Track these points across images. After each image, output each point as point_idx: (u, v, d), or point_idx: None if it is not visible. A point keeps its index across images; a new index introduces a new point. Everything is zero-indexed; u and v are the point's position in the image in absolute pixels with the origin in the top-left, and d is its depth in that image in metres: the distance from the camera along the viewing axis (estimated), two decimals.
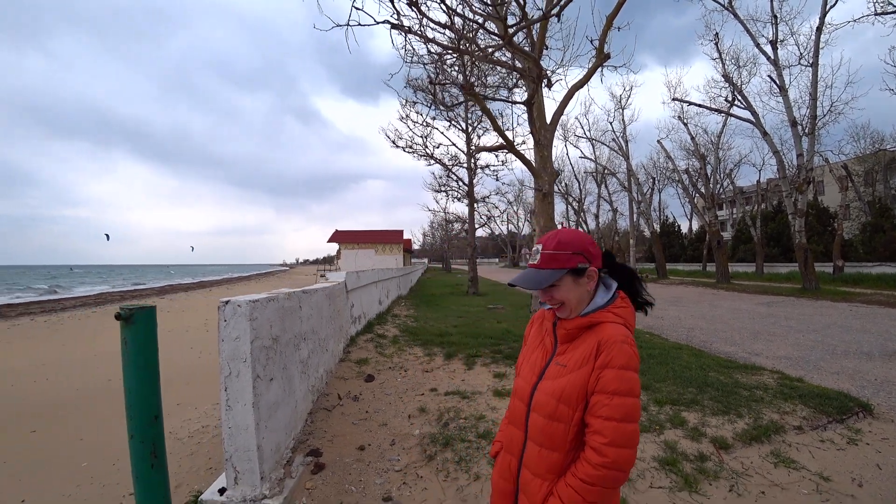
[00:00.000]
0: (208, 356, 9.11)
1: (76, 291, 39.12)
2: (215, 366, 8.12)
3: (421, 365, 6.47)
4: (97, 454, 4.50)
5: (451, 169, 21.05)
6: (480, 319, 11.13)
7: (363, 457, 3.78)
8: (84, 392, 6.85)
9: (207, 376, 7.48)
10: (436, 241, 65.45)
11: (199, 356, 9.14)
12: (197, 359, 8.87)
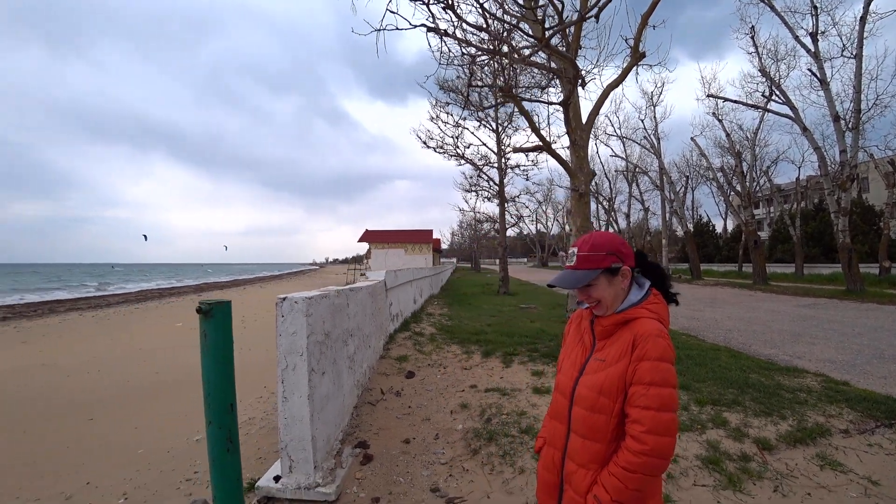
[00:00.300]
0: (248, 352, 9.42)
1: (127, 288, 40.69)
2: (254, 361, 8.45)
3: (459, 362, 6.59)
4: (151, 442, 4.76)
5: (482, 169, 21.12)
6: (513, 319, 11.18)
7: (409, 450, 3.92)
8: (134, 384, 7.18)
9: (247, 371, 7.75)
10: (464, 240, 65.54)
11: (239, 351, 9.45)
12: (237, 354, 9.19)
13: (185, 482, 3.76)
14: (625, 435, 1.43)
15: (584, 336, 1.63)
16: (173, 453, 4.42)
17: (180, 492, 3.61)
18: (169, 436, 4.91)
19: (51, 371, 8.34)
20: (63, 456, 4.56)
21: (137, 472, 4.07)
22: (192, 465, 4.08)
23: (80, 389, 7.00)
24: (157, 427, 5.25)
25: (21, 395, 6.76)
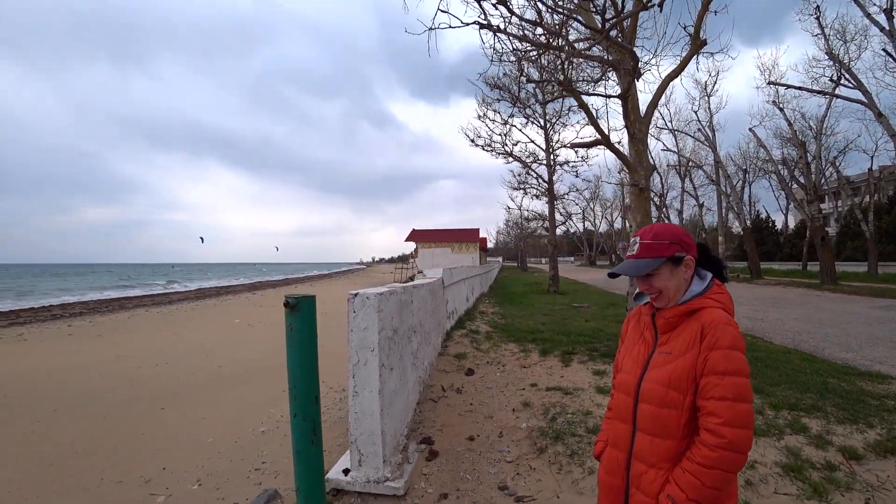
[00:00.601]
0: None
1: (188, 286, 42.81)
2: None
3: (517, 361, 6.52)
4: (219, 432, 4.93)
5: (531, 166, 20.89)
6: (567, 318, 10.99)
7: (473, 447, 3.90)
8: (198, 376, 7.50)
9: None
10: (510, 239, 65.01)
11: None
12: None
13: (254, 471, 3.88)
14: (698, 430, 1.36)
15: (645, 332, 1.58)
16: (240, 443, 4.57)
17: (250, 480, 3.73)
18: (235, 426, 5.09)
19: (124, 363, 8.83)
20: (140, 441, 4.81)
21: (208, 459, 4.23)
22: (260, 456, 4.21)
23: (151, 380, 7.38)
24: (222, 418, 5.46)
25: (101, 385, 7.18)
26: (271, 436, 4.69)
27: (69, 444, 4.79)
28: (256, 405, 5.84)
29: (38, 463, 4.34)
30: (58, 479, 4.01)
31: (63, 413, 5.81)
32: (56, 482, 3.94)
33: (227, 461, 4.16)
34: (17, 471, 4.19)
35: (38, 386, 7.21)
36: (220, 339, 11.44)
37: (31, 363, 9.18)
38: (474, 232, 41.45)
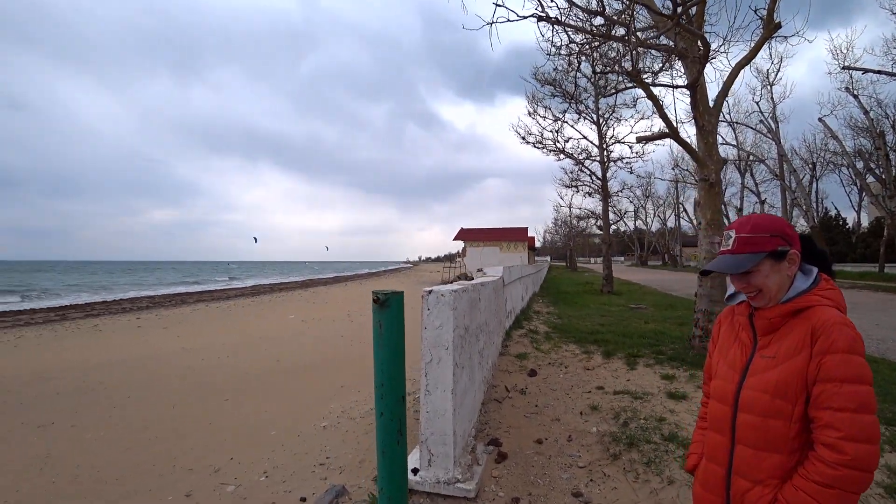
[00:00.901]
0: (359, 344, 9.75)
1: (246, 283, 44.67)
2: (364, 352, 8.74)
3: (580, 362, 6.31)
4: (281, 425, 4.98)
5: (583, 163, 20.40)
6: (625, 319, 10.61)
7: (542, 450, 3.76)
8: (258, 369, 7.68)
9: (360, 362, 8.00)
10: (559, 238, 63.85)
11: (351, 344, 9.81)
12: (349, 346, 9.54)
13: (319, 466, 3.88)
14: (811, 443, 1.21)
15: (741, 333, 1.41)
16: (303, 437, 4.60)
17: (315, 475, 3.72)
18: (296, 420, 5.13)
19: (189, 354, 9.18)
20: (207, 431, 4.92)
21: (273, 452, 4.28)
22: (323, 451, 4.21)
23: (214, 372, 7.61)
24: (283, 411, 5.52)
25: (169, 374, 7.47)
26: (333, 431, 4.70)
27: (143, 429, 4.98)
28: (315, 400, 5.91)
29: (117, 447, 4.53)
30: (135, 463, 4.15)
31: (136, 400, 6.08)
32: (133, 466, 4.08)
33: (291, 455, 4.19)
34: (99, 454, 4.38)
35: (114, 374, 7.59)
36: (276, 335, 11.73)
37: (107, 353, 9.70)
38: (523, 231, 40.99)
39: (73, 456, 4.37)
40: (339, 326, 12.87)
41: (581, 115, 20.23)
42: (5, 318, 18.49)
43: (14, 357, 9.56)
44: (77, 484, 3.81)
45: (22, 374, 7.69)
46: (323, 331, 12.14)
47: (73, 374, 7.58)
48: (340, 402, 5.70)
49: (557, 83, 18.79)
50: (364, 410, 5.25)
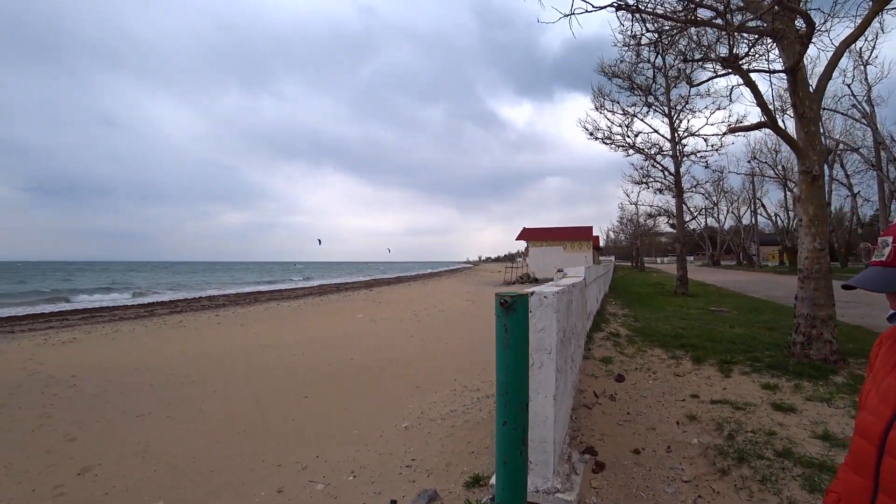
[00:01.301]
0: (428, 344, 9.76)
1: (314, 282, 46.46)
2: (435, 353, 8.73)
3: (668, 368, 5.97)
4: (363, 425, 4.98)
5: (655, 158, 19.51)
6: (707, 323, 10.00)
7: (641, 461, 3.53)
8: (333, 367, 7.80)
9: (431, 363, 7.98)
10: (625, 237, 61.55)
11: (421, 344, 9.83)
12: (419, 346, 9.56)
13: (405, 468, 3.83)
14: None
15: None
16: (385, 437, 4.58)
17: (402, 477, 3.67)
18: (376, 420, 5.14)
19: (267, 351, 9.52)
20: (291, 427, 5.01)
21: (357, 451, 4.27)
22: (407, 452, 4.16)
23: (292, 369, 7.81)
24: (362, 410, 5.55)
25: (249, 370, 7.75)
26: (415, 432, 4.66)
27: (231, 423, 5.14)
28: (391, 399, 5.92)
29: (209, 439, 4.69)
30: (226, 456, 4.27)
31: (222, 394, 6.32)
32: (225, 459, 4.20)
33: (375, 455, 4.18)
34: (193, 445, 4.55)
35: (199, 368, 7.97)
36: (347, 334, 11.96)
37: (192, 347, 10.24)
38: (587, 230, 39.85)
39: (170, 446, 4.57)
40: (407, 326, 12.96)
41: (651, 108, 19.36)
42: (102, 314, 20.07)
43: (112, 349, 10.28)
44: (175, 473, 3.96)
45: (120, 366, 8.24)
46: (392, 330, 12.27)
47: (164, 368, 8.03)
48: (418, 402, 5.67)
49: (626, 75, 18.09)
50: (444, 412, 5.19)
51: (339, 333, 11.79)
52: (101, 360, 8.98)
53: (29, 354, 9.65)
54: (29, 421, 5.41)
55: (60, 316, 19.45)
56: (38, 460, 4.32)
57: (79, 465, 4.17)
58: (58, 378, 7.42)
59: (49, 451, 4.52)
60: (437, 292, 28.29)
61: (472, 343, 9.61)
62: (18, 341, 11.95)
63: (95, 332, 13.47)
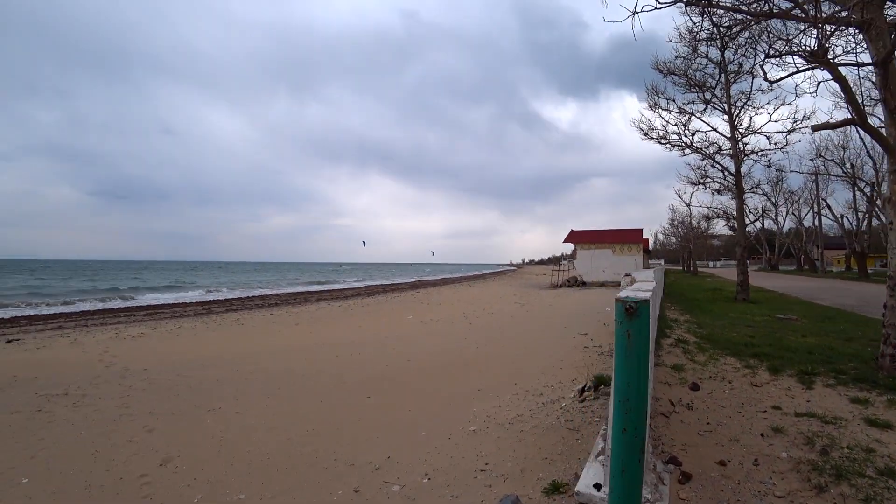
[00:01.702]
0: (483, 346, 9.71)
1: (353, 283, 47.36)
2: (490, 356, 8.67)
3: (744, 377, 5.69)
4: (429, 427, 4.98)
5: (714, 157, 18.73)
6: (776, 330, 9.50)
7: (728, 473, 3.37)
8: (391, 368, 7.84)
9: (487, 365, 7.92)
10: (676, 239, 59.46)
11: (476, 347, 9.79)
12: (475, 349, 9.52)
13: (480, 472, 3.78)
14: None
15: None
16: (454, 441, 4.56)
17: (478, 482, 3.63)
18: (441, 422, 5.12)
19: (324, 350, 9.71)
20: (358, 427, 5.05)
21: (428, 453, 4.26)
22: (479, 456, 4.12)
23: (350, 368, 7.91)
24: (425, 411, 5.55)
25: (310, 369, 7.89)
26: (483, 437, 4.62)
27: (300, 421, 5.23)
28: (453, 402, 5.90)
29: (279, 436, 4.78)
30: (300, 454, 4.34)
31: (286, 391, 6.47)
32: (299, 457, 4.26)
33: (447, 458, 4.16)
34: (265, 442, 4.65)
35: (260, 365, 8.20)
36: (399, 334, 12.06)
37: (251, 345, 10.57)
38: (637, 232, 38.71)
39: (243, 441, 4.69)
40: (458, 329, 12.96)
41: (709, 105, 18.61)
42: (164, 310, 21.07)
43: (178, 345, 10.76)
44: (252, 469, 4.06)
45: (187, 361, 8.58)
46: (443, 332, 12.30)
47: (227, 364, 8.30)
48: (482, 405, 5.64)
49: (683, 72, 17.48)
50: (510, 416, 5.13)
51: (391, 334, 11.91)
52: (168, 354, 9.41)
53: (104, 348, 10.22)
54: (110, 410, 5.70)
55: (127, 311, 20.56)
56: (122, 449, 4.53)
57: (160, 456, 4.35)
58: (132, 371, 7.81)
59: (131, 440, 4.74)
60: (485, 295, 28.20)
61: (527, 347, 9.50)
62: (93, 335, 12.70)
63: (160, 327, 14.15)
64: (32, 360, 9.06)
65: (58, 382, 7.08)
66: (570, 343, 9.69)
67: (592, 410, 4.91)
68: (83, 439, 4.78)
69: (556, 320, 14.19)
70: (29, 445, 4.63)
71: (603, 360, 7.79)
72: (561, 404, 5.34)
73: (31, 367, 8.26)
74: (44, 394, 6.48)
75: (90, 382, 7.08)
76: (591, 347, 8.99)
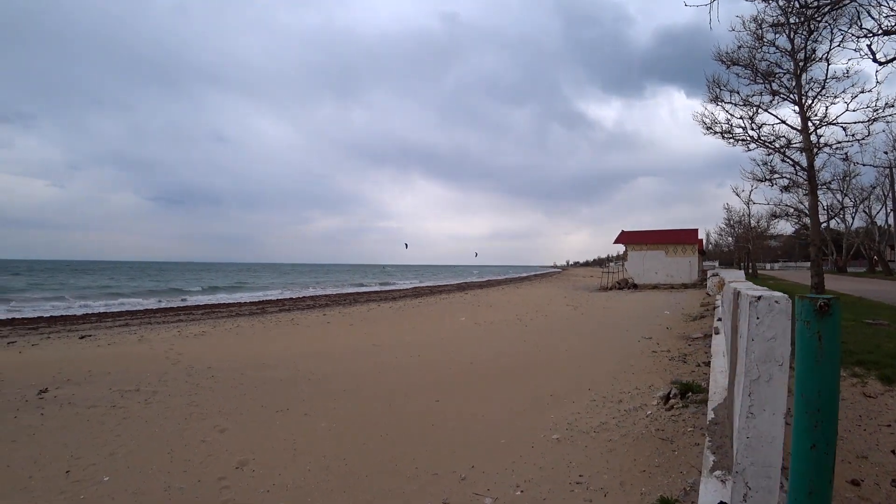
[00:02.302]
0: (543, 350, 9.38)
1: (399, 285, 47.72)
2: (552, 360, 8.33)
3: (853, 387, 5.13)
4: (507, 433, 4.71)
5: (783, 152, 17.60)
6: (868, 337, 8.70)
7: (863, 494, 2.94)
8: (453, 370, 7.62)
9: (553, 369, 7.59)
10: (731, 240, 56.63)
11: (537, 350, 9.47)
12: (534, 352, 9.20)
13: (576, 485, 3.49)
14: None
15: None
16: (539, 449, 4.27)
17: (576, 495, 3.34)
18: (522, 429, 4.84)
19: (382, 352, 9.60)
20: (432, 433, 4.86)
21: (514, 463, 3.98)
22: (570, 467, 3.81)
23: (411, 370, 7.74)
24: (499, 417, 5.28)
25: (370, 370, 7.77)
26: (569, 446, 4.33)
27: (370, 426, 5.04)
28: (526, 407, 5.62)
29: (353, 441, 4.61)
30: (379, 461, 4.14)
31: (351, 394, 6.33)
32: (378, 464, 4.07)
33: (535, 468, 3.87)
34: (340, 446, 4.49)
35: (319, 365, 8.13)
36: (455, 336, 11.86)
37: (308, 345, 10.60)
38: (692, 233, 37.19)
39: (316, 445, 4.54)
40: (514, 331, 12.66)
41: (776, 97, 17.51)
42: (220, 309, 21.69)
43: (238, 344, 10.91)
44: (330, 475, 3.90)
45: (248, 360, 8.63)
46: (500, 334, 12.02)
47: (288, 364, 8.29)
48: (559, 412, 5.34)
49: (748, 62, 16.54)
50: (594, 424, 4.81)
51: (446, 336, 11.72)
52: (230, 353, 9.53)
53: (169, 345, 10.49)
54: (181, 409, 5.72)
55: (186, 310, 21.30)
56: (196, 449, 4.47)
57: (235, 458, 4.25)
58: (196, 369, 7.91)
59: (204, 440, 4.68)
60: (534, 297, 27.71)
61: (590, 351, 9.14)
62: (157, 332, 13.13)
63: (219, 326, 14.49)
64: (105, 355, 9.38)
65: (129, 378, 7.24)
66: (636, 347, 9.29)
67: (684, 420, 4.54)
68: (158, 437, 4.78)
69: (614, 324, 13.71)
70: (107, 442, 4.66)
71: (675, 366, 7.36)
72: (646, 412, 5.00)
73: (103, 362, 8.53)
74: (117, 389, 6.62)
75: (159, 379, 7.20)
76: (659, 352, 8.56)
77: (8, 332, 13.82)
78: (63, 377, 7.32)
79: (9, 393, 6.45)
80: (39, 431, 4.95)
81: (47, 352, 10.06)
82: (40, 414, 5.52)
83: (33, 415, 5.50)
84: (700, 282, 34.97)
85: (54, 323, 16.62)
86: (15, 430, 5.01)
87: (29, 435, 4.84)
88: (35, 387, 6.71)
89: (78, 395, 6.35)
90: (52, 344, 11.30)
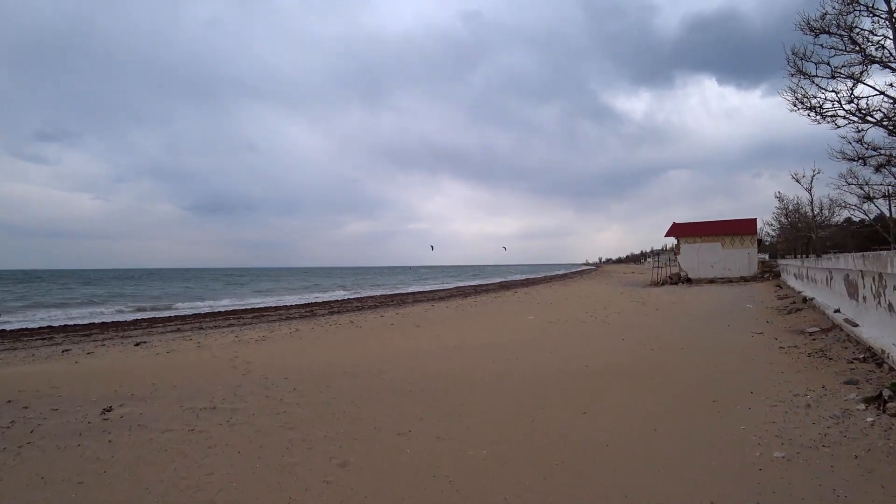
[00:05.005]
0: (648, 348, 8.06)
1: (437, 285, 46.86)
2: (669, 359, 6.94)
3: None
4: (706, 453, 3.46)
5: (887, 125, 15.82)
6: None
7: None
8: (544, 374, 6.49)
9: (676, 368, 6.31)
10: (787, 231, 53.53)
11: (643, 348, 8.16)
12: (642, 351, 7.91)
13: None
14: None
15: None
16: (769, 473, 2.96)
17: None
18: (715, 447, 3.56)
19: (460, 353, 8.49)
20: (607, 455, 3.59)
21: (759, 494, 2.81)
22: (839, 498, 2.64)
23: (515, 377, 6.59)
24: (671, 432, 4.01)
25: (459, 374, 6.72)
26: (805, 466, 3.13)
27: (529, 450, 3.82)
28: (685, 416, 4.36)
29: (522, 477, 3.36)
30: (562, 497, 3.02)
31: (465, 406, 5.13)
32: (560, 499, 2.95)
33: (786, 496, 2.68)
34: (502, 482, 3.24)
35: (402, 372, 7.03)
36: (539, 336, 10.64)
37: (385, 348, 9.53)
38: (750, 223, 34.89)
39: (471, 478, 3.34)
40: (594, 328, 11.42)
41: (867, 64, 15.73)
42: (269, 313, 21.01)
43: (304, 349, 9.94)
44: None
45: (325, 368, 7.57)
46: (584, 333, 10.77)
47: (373, 371, 7.22)
48: (747, 422, 4.11)
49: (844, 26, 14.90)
50: (812, 436, 3.53)
51: (530, 338, 10.45)
52: (301, 360, 8.54)
53: (232, 352, 9.56)
54: (275, 433, 4.59)
55: (235, 314, 20.67)
56: (324, 495, 3.28)
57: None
58: (272, 379, 6.88)
59: (327, 480, 3.50)
60: (589, 293, 26.25)
61: (703, 348, 8.00)
62: (213, 337, 12.33)
63: (276, 331, 13.62)
64: (166, 364, 8.51)
65: (199, 392, 6.26)
66: (755, 343, 8.18)
67: None
68: (262, 475, 3.61)
69: (701, 319, 12.41)
70: (198, 482, 3.50)
71: (824, 364, 6.16)
72: (865, 419, 3.91)
73: (166, 373, 7.62)
74: (189, 406, 5.61)
75: (234, 393, 6.19)
76: (787, 348, 7.37)
77: (62, 340, 13.29)
78: (126, 391, 6.40)
79: (69, 412, 5.51)
80: (110, 466, 3.91)
81: (104, 361, 9.28)
82: (108, 441, 4.51)
83: (100, 442, 4.49)
84: (761, 274, 32.77)
85: (106, 329, 16.12)
86: (81, 463, 3.99)
87: (98, 473, 3.77)
88: (97, 404, 5.78)
89: (147, 414, 5.36)
90: (108, 352, 10.58)
